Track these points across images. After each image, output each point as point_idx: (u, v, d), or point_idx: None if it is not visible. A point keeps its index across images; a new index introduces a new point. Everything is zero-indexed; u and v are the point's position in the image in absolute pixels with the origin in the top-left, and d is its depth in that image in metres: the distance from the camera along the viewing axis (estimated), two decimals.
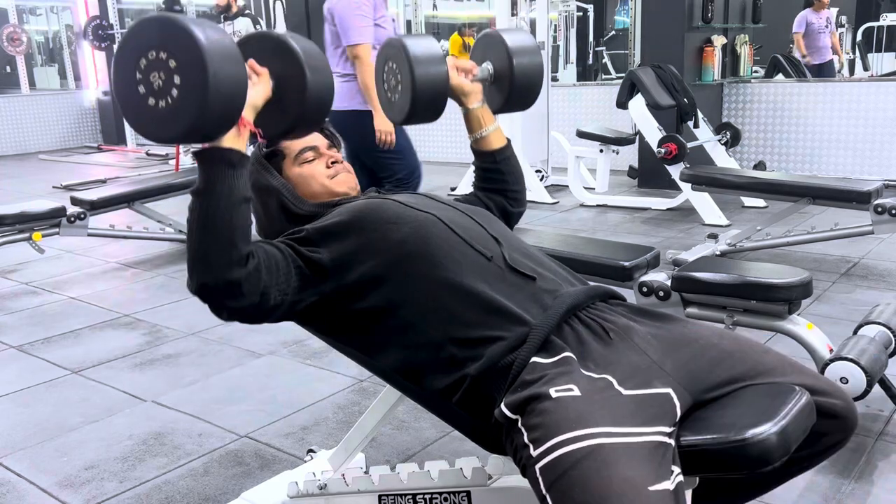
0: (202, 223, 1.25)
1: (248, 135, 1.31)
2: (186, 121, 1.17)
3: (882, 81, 6.62)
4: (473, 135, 1.73)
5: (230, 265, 1.25)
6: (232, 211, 1.25)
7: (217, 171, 1.25)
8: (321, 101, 1.40)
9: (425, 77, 1.58)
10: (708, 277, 2.37)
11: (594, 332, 1.29)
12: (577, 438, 1.09)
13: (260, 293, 1.30)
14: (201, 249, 1.25)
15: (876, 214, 3.64)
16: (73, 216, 4.31)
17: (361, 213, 1.45)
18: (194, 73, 1.14)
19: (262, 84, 1.37)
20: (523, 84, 1.73)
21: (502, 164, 1.74)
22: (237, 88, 1.20)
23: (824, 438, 1.27)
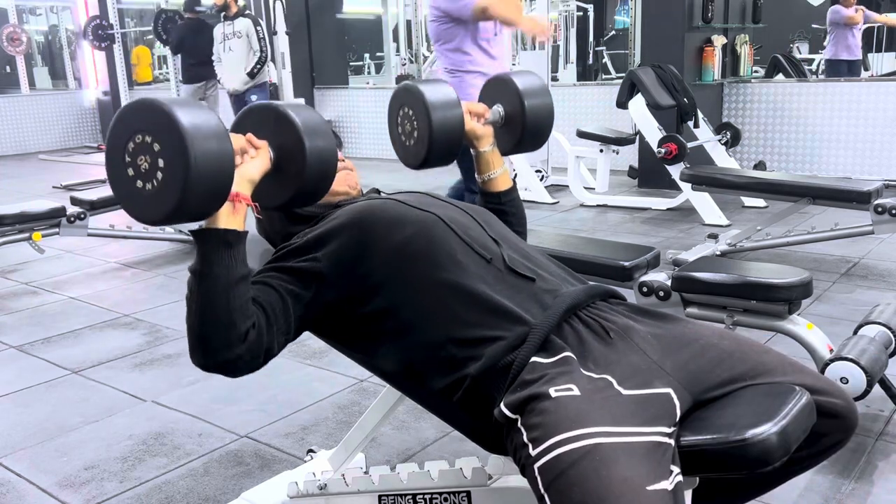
0: (200, 305, 1.25)
1: (244, 210, 1.30)
2: (171, 203, 1.17)
3: (882, 81, 6.62)
4: (482, 176, 1.76)
5: (229, 346, 1.26)
6: (229, 292, 1.24)
7: (213, 253, 1.25)
8: (322, 171, 1.39)
9: (442, 122, 1.60)
10: (708, 277, 2.37)
11: (594, 331, 1.29)
12: (575, 438, 1.09)
13: (263, 354, 1.32)
14: (200, 331, 1.26)
15: (876, 214, 3.64)
16: (73, 216, 4.31)
17: (362, 214, 1.45)
18: (176, 155, 1.15)
19: (261, 157, 1.35)
20: (535, 125, 1.76)
21: (507, 206, 1.77)
22: (222, 167, 1.19)
23: (824, 438, 1.27)
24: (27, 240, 4.15)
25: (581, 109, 7.29)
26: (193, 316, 1.26)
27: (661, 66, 5.28)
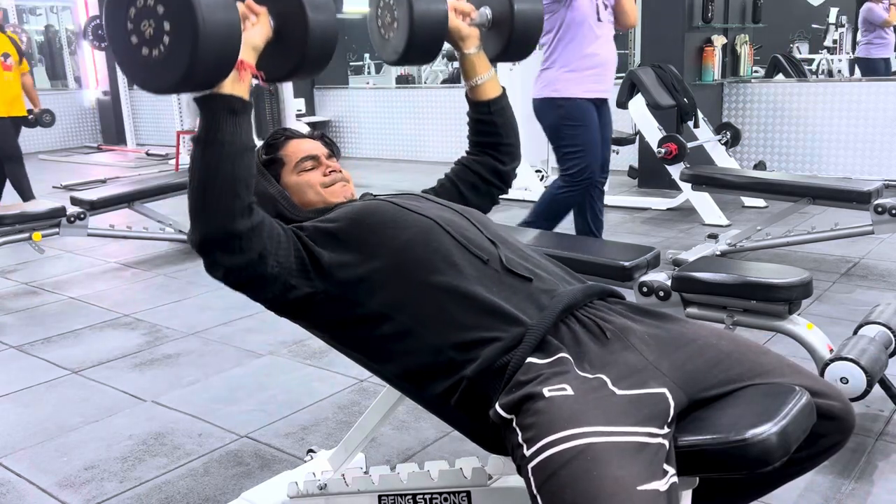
0: (204, 173, 1.23)
1: (249, 78, 1.28)
2: (180, 69, 1.13)
3: (882, 81, 6.62)
4: (469, 82, 1.70)
5: (232, 215, 1.24)
6: (234, 160, 1.23)
7: (218, 119, 1.23)
8: (324, 41, 1.35)
9: (425, 14, 1.52)
10: (708, 277, 2.37)
11: (591, 331, 1.28)
12: (568, 438, 1.08)
13: (258, 253, 1.29)
14: (204, 200, 1.24)
15: (876, 214, 3.64)
16: (73, 216, 4.30)
17: (358, 216, 1.45)
18: (183, 19, 1.11)
19: (262, 24, 1.33)
20: (523, 31, 1.68)
21: (496, 115, 1.72)
22: (230, 32, 1.16)
23: (822, 440, 1.27)
24: (27, 240, 4.15)
25: None
26: (196, 185, 1.24)
27: (661, 66, 5.28)
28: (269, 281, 1.33)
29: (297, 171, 1.61)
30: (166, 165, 8.53)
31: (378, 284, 1.37)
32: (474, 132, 1.76)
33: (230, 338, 3.26)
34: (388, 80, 12.72)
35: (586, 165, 3.57)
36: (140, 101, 9.93)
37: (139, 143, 10.02)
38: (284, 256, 1.34)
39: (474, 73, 1.69)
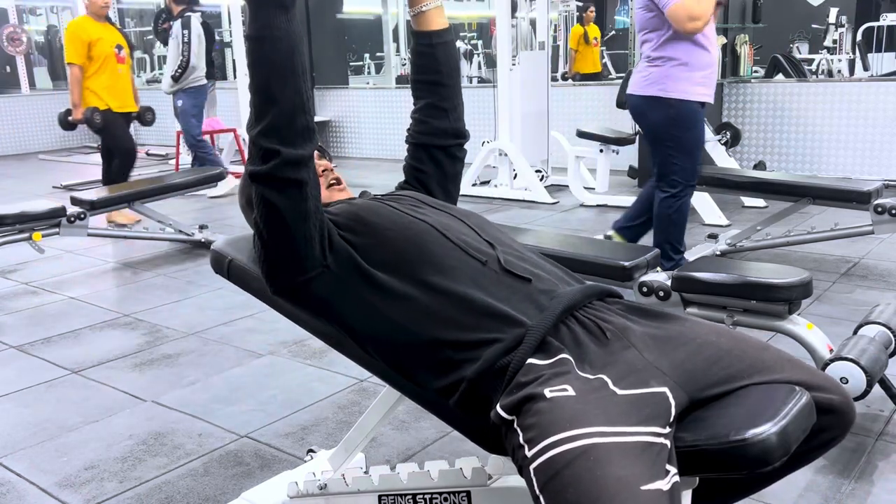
0: (266, 67, 1.28)
1: None
2: None
3: (882, 81, 6.62)
4: (413, 9, 1.66)
5: (300, 109, 1.30)
6: (294, 53, 1.28)
7: (273, 16, 1.27)
8: None
9: None
10: (708, 277, 2.37)
11: (591, 332, 1.28)
12: (570, 438, 1.09)
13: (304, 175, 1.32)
14: (270, 89, 1.28)
15: (876, 214, 3.64)
16: (73, 216, 4.31)
17: (358, 216, 1.45)
18: None
19: None
20: None
21: (438, 49, 1.67)
22: None
23: (822, 434, 1.27)
24: (27, 240, 4.15)
25: (581, 109, 7.29)
26: (261, 78, 1.28)
27: None
28: (304, 216, 1.34)
29: None
30: (166, 165, 8.54)
31: (377, 284, 1.37)
32: (415, 69, 1.72)
33: (230, 338, 3.26)
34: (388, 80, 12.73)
35: (692, 172, 3.51)
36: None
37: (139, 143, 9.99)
38: (315, 206, 1.36)
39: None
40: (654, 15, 3.36)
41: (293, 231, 1.35)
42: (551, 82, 6.62)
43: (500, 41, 6.03)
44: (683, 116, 3.42)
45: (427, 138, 1.72)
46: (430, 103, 1.71)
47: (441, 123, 1.71)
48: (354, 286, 1.39)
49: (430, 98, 1.71)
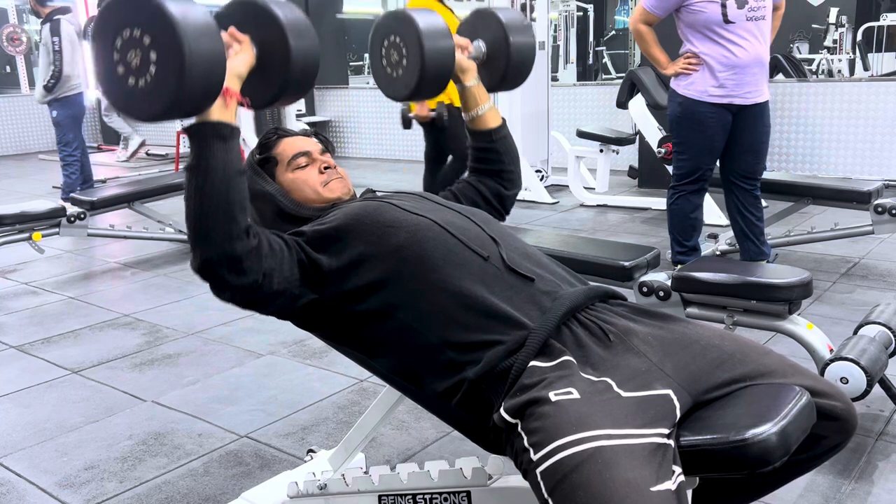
0: (199, 200, 1.24)
1: (235, 105, 1.29)
2: (166, 98, 1.14)
3: (882, 81, 6.62)
4: (469, 113, 1.72)
5: (231, 239, 1.25)
6: (227, 185, 1.24)
7: (209, 146, 1.24)
8: (306, 66, 1.37)
9: (434, 51, 1.54)
10: (708, 277, 2.37)
11: (594, 334, 1.28)
12: (577, 441, 1.09)
13: (263, 273, 1.30)
14: (201, 225, 1.25)
15: (876, 214, 3.64)
16: (73, 216, 4.31)
17: (357, 217, 1.44)
18: (169, 49, 1.12)
19: (245, 52, 1.34)
20: (518, 62, 1.71)
21: (498, 144, 1.74)
22: (215, 61, 1.17)
23: (824, 441, 1.27)
24: (27, 240, 4.15)
25: (581, 109, 7.29)
26: (192, 212, 1.25)
27: None
28: (276, 296, 1.35)
29: (292, 169, 1.61)
30: (166, 165, 8.54)
31: (378, 284, 1.37)
32: (477, 160, 1.77)
33: (230, 338, 3.26)
34: None
35: (692, 170, 3.46)
36: None
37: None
38: (289, 270, 1.35)
39: (475, 104, 1.72)
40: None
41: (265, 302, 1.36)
42: (551, 82, 6.61)
43: None
44: (690, 115, 3.38)
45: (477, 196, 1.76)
46: (494, 186, 1.76)
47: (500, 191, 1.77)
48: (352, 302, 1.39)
49: (493, 180, 1.76)
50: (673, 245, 3.65)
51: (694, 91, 3.34)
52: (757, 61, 3.30)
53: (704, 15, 3.23)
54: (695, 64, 3.32)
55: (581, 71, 12.14)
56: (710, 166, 3.47)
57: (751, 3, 3.21)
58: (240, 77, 1.33)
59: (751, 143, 3.42)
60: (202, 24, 1.16)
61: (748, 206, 3.52)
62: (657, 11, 3.38)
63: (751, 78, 3.30)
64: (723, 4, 3.20)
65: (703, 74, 3.32)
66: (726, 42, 3.25)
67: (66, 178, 6.08)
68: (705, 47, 3.29)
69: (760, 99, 3.37)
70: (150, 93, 1.15)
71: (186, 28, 1.12)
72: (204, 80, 1.16)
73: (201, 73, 1.14)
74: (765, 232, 3.60)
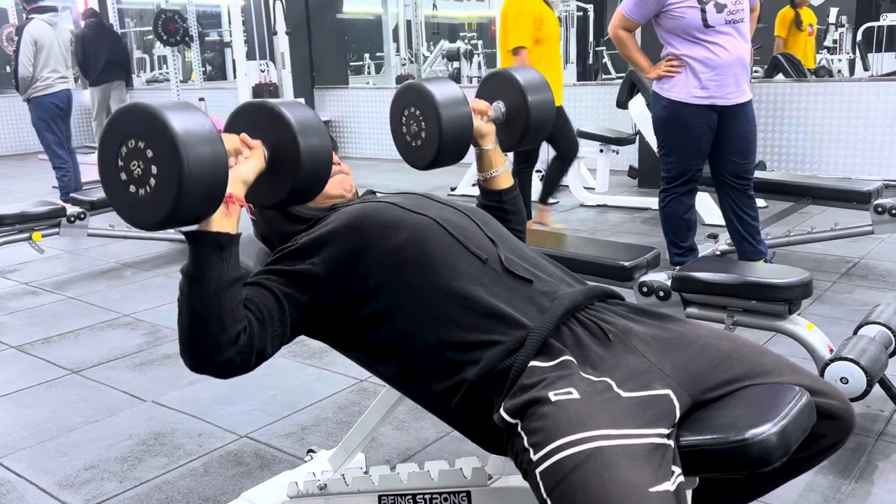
0: (191, 308, 1.24)
1: (238, 211, 1.29)
2: (165, 209, 1.15)
3: (882, 81, 6.62)
4: (483, 174, 1.75)
5: (219, 349, 1.25)
6: (221, 296, 1.23)
7: (205, 256, 1.23)
8: (317, 170, 1.37)
9: (451, 120, 1.58)
10: (708, 277, 2.37)
11: (593, 333, 1.28)
12: (576, 442, 1.09)
13: (255, 355, 1.30)
14: (190, 334, 1.25)
15: (876, 214, 3.64)
16: (73, 216, 4.31)
17: (357, 218, 1.44)
18: (169, 161, 1.13)
19: (255, 157, 1.34)
20: (538, 121, 1.75)
21: (508, 204, 1.76)
22: (215, 173, 1.18)
23: (822, 440, 1.27)
24: (27, 240, 4.15)
25: (581, 109, 7.29)
26: (184, 318, 1.25)
27: None
28: (276, 351, 1.36)
29: None
30: None
31: (378, 284, 1.37)
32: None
33: None
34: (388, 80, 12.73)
35: (681, 172, 3.46)
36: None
37: None
38: (281, 326, 1.35)
39: (490, 166, 1.74)
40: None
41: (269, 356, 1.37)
42: None
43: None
44: (676, 118, 3.39)
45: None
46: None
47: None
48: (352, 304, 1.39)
49: None
50: (670, 247, 3.65)
51: (677, 93, 3.36)
52: (738, 62, 3.32)
53: (685, 20, 3.25)
54: (677, 66, 3.33)
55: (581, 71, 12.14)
56: (698, 167, 3.49)
57: (729, 7, 3.24)
58: (246, 183, 1.31)
59: (737, 144, 3.44)
60: (204, 137, 1.17)
61: (742, 206, 3.52)
62: (636, 17, 3.40)
63: (732, 79, 3.32)
64: (702, 10, 3.22)
65: (685, 76, 3.33)
66: (707, 44, 3.28)
67: (59, 180, 6.04)
68: (687, 50, 3.31)
69: (743, 99, 3.39)
70: (150, 203, 1.17)
71: (187, 143, 1.13)
72: (203, 192, 1.17)
73: (199, 190, 1.16)
74: (762, 231, 3.61)
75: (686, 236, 3.59)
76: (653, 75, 3.43)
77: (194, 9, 9.28)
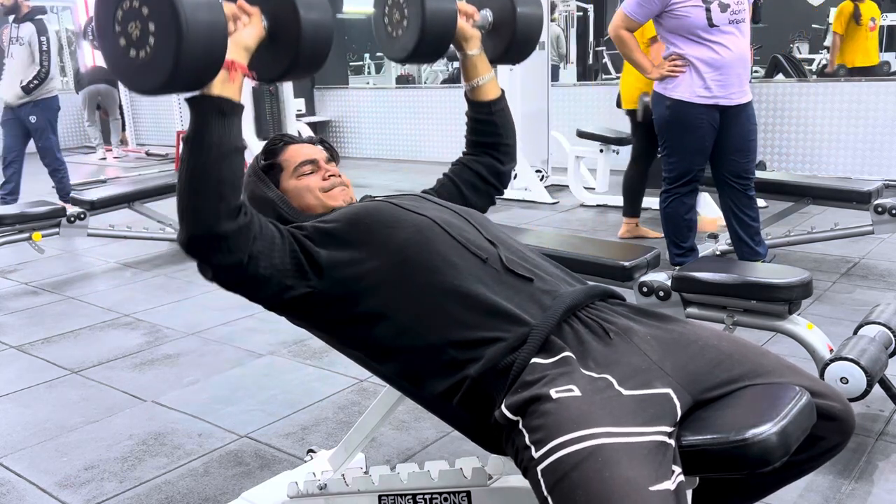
0: (191, 174, 1.23)
1: (241, 79, 1.27)
2: (165, 70, 1.13)
3: (882, 81, 6.62)
4: (469, 83, 1.72)
5: (218, 217, 1.24)
6: (221, 162, 1.23)
7: (206, 121, 1.23)
8: (318, 40, 1.34)
9: (436, 12, 1.53)
10: (708, 277, 2.37)
11: (594, 331, 1.28)
12: (578, 439, 1.09)
13: (248, 254, 1.29)
14: (191, 200, 1.24)
15: (876, 214, 3.64)
16: (73, 216, 4.31)
17: (358, 216, 1.44)
18: (166, 19, 1.11)
19: (254, 24, 1.32)
20: (525, 33, 1.71)
21: (496, 116, 1.74)
22: (215, 32, 1.15)
23: (822, 442, 1.27)
24: (27, 240, 4.15)
25: (581, 109, 7.29)
26: (184, 185, 1.24)
27: None
28: (262, 281, 1.33)
29: (297, 176, 1.61)
30: (166, 165, 8.53)
31: (377, 284, 1.37)
32: (473, 132, 1.77)
33: (230, 338, 3.26)
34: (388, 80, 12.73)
35: (683, 172, 3.46)
36: (140, 101, 9.93)
37: (139, 143, 10.02)
38: (279, 258, 1.34)
39: (476, 73, 1.71)
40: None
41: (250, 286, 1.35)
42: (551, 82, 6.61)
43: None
44: (680, 118, 3.38)
45: (474, 176, 1.76)
46: (490, 162, 1.76)
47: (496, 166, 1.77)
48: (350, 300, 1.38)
49: (489, 155, 1.77)
50: (670, 247, 3.65)
51: (681, 93, 3.35)
52: (741, 61, 3.33)
53: (689, 20, 3.24)
54: (681, 66, 3.33)
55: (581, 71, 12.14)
56: (701, 167, 3.48)
57: (732, 7, 3.25)
58: (247, 50, 1.31)
59: (738, 144, 3.44)
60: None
61: (742, 206, 3.52)
62: (638, 17, 3.38)
63: (735, 79, 3.33)
64: (707, 9, 3.22)
65: (689, 76, 3.32)
66: (710, 44, 3.27)
67: (58, 182, 6.03)
68: (690, 50, 3.30)
69: (744, 99, 3.40)
70: (150, 65, 1.14)
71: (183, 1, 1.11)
72: (203, 52, 1.14)
73: (200, 44, 1.13)
74: (762, 232, 3.61)
75: (687, 236, 3.59)
76: (655, 76, 3.42)
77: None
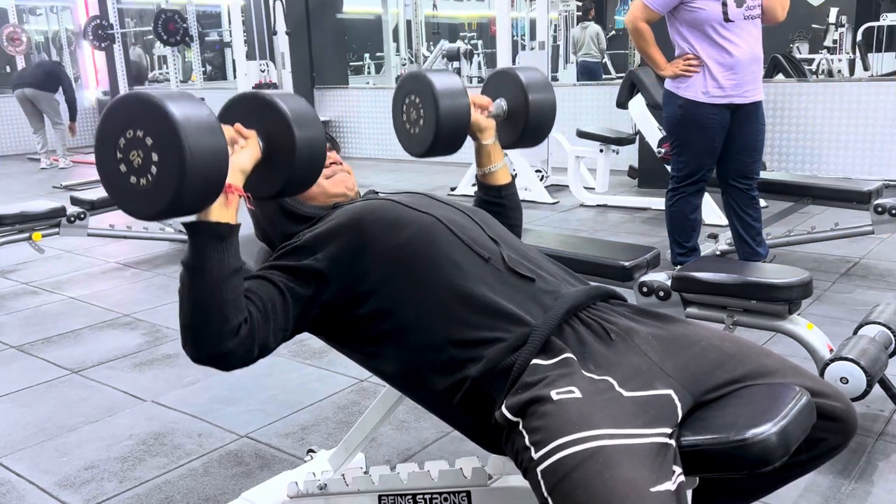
0: (192, 299, 1.24)
1: (237, 201, 1.29)
2: (166, 198, 1.15)
3: (882, 81, 6.62)
4: (482, 169, 1.77)
5: (220, 339, 1.25)
6: (222, 286, 1.23)
7: (205, 246, 1.23)
8: (312, 159, 1.37)
9: (449, 110, 1.61)
10: (708, 277, 2.37)
11: (595, 332, 1.28)
12: (578, 441, 1.09)
13: (258, 347, 1.30)
14: (192, 325, 1.25)
15: (876, 214, 3.64)
16: (73, 216, 4.31)
17: (359, 215, 1.44)
18: (170, 150, 1.13)
19: (250, 148, 1.34)
20: (537, 121, 1.77)
21: (506, 200, 1.78)
22: (216, 161, 1.18)
23: (823, 442, 1.27)
24: (27, 240, 4.15)
25: (581, 109, 7.29)
26: (185, 309, 1.25)
27: None
28: (278, 345, 1.36)
29: None
30: None
31: (379, 282, 1.37)
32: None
33: None
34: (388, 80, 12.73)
35: (692, 171, 3.45)
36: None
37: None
38: (284, 319, 1.35)
39: (489, 161, 1.75)
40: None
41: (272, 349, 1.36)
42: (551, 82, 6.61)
43: (501, 41, 6.03)
44: (692, 117, 3.37)
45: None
46: None
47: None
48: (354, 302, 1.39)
49: None
50: (672, 246, 3.65)
51: (694, 93, 3.33)
52: (754, 59, 3.32)
53: (704, 13, 3.23)
54: (696, 66, 3.31)
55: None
56: (710, 167, 3.47)
57: (748, 2, 3.23)
58: (244, 172, 1.31)
59: (747, 143, 3.42)
60: (204, 125, 1.16)
61: (745, 206, 3.51)
62: (658, 7, 3.35)
63: (749, 76, 3.31)
64: (724, 3, 3.20)
65: (702, 75, 3.31)
66: (724, 41, 3.25)
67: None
68: (703, 47, 3.29)
69: (758, 97, 3.38)
70: (151, 192, 1.16)
71: (187, 130, 1.13)
72: (204, 179, 1.16)
73: (201, 173, 1.15)
74: (763, 232, 3.60)
75: (690, 236, 3.59)
76: (669, 73, 3.41)
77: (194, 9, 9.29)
